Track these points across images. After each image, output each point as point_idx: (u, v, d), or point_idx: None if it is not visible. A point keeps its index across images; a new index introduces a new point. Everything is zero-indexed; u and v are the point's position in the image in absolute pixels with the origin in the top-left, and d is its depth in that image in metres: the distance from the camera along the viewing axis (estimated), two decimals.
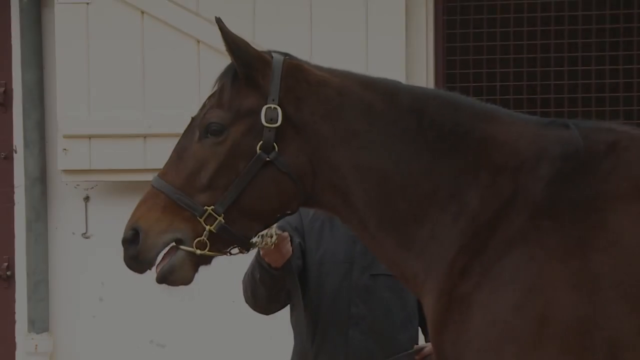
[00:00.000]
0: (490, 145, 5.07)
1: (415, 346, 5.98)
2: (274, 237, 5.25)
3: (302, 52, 5.34)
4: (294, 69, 5.08)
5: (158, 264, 4.94)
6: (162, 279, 4.93)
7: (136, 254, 4.93)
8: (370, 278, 5.95)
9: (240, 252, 5.10)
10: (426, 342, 6.00)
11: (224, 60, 5.08)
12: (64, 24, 9.37)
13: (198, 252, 4.90)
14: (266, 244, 5.20)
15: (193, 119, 5.04)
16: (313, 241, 6.00)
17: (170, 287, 4.94)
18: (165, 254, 4.94)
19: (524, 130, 5.12)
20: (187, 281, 4.98)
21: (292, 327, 5.99)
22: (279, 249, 5.42)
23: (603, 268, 4.70)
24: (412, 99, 5.16)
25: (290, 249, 5.51)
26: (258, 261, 5.59)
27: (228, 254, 5.05)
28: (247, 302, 5.87)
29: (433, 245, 5.04)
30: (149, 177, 5.12)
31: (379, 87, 5.17)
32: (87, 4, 9.29)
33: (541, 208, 4.93)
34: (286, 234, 5.45)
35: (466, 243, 4.97)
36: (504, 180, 5.01)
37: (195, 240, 4.90)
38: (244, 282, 5.83)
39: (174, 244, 4.92)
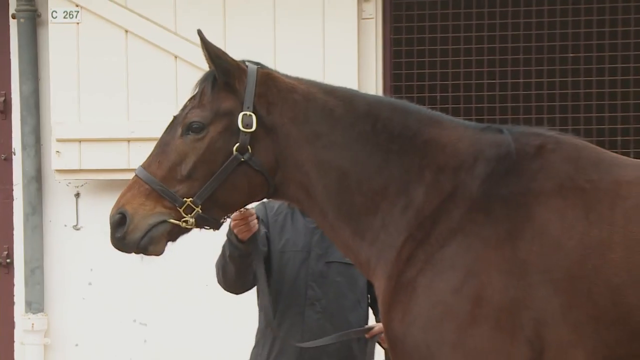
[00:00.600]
0: (434, 147, 5.09)
1: (366, 326, 5.90)
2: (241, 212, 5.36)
3: (267, 63, 5.32)
4: (266, 76, 5.12)
5: None
6: (142, 248, 4.95)
7: (123, 235, 4.93)
8: (325, 265, 5.94)
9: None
10: (376, 322, 5.93)
11: (199, 73, 5.15)
12: (57, 41, 9.31)
13: (183, 224, 4.97)
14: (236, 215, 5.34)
15: (175, 117, 5.09)
16: (276, 232, 5.98)
17: (145, 256, 5.01)
18: None
19: (463, 134, 5.14)
20: (160, 253, 5.00)
21: (258, 307, 5.90)
22: (246, 222, 5.45)
23: (530, 256, 4.72)
24: (367, 105, 5.18)
25: (256, 223, 5.52)
26: (228, 238, 5.58)
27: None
28: (219, 282, 5.87)
29: (383, 234, 5.06)
30: (131, 176, 5.09)
31: (339, 94, 5.19)
32: (78, 23, 9.25)
33: (477, 203, 4.94)
34: (252, 210, 5.50)
35: (412, 233, 4.98)
36: (445, 178, 5.03)
37: (183, 221, 4.98)
38: (216, 265, 5.84)
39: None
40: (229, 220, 5.34)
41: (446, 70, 9.31)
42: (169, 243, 5.03)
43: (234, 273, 5.73)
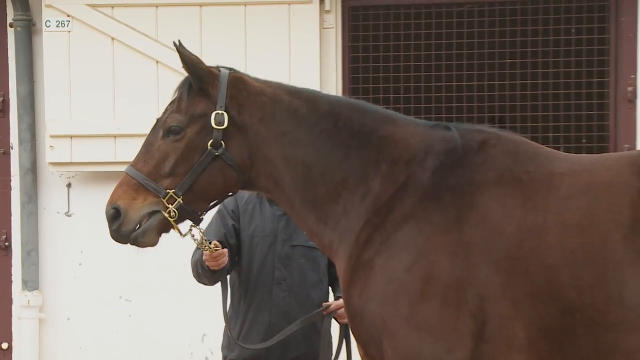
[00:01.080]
0: (389, 142, 5.10)
1: (325, 303, 5.90)
2: (213, 249, 5.38)
3: (238, 67, 5.34)
4: (237, 81, 5.12)
5: None
6: (134, 240, 4.96)
7: (119, 227, 4.96)
8: (290, 248, 5.98)
9: (191, 232, 5.17)
10: (335, 299, 5.95)
11: (179, 76, 5.16)
12: (50, 47, 9.26)
13: (169, 216, 4.97)
14: (208, 249, 5.33)
15: (158, 120, 5.10)
16: (246, 220, 6.00)
17: (138, 248, 5.01)
18: None
19: (414, 131, 5.15)
20: (153, 244, 5.04)
21: (231, 287, 5.92)
22: (216, 260, 5.53)
23: (474, 239, 4.75)
24: (329, 105, 5.20)
25: (225, 261, 5.58)
26: (200, 262, 5.65)
27: (181, 234, 5.11)
28: (194, 277, 5.91)
29: (344, 220, 5.07)
30: (118, 168, 5.23)
31: (303, 96, 5.21)
32: (69, 32, 9.21)
33: (427, 192, 4.95)
34: (225, 251, 5.54)
35: (370, 219, 4.99)
36: (399, 170, 5.04)
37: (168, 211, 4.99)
38: (191, 263, 5.87)
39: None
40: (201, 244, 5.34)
41: (398, 74, 9.32)
42: (162, 235, 5.07)
43: (207, 283, 5.86)
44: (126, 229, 4.96)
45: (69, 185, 9.47)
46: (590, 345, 4.60)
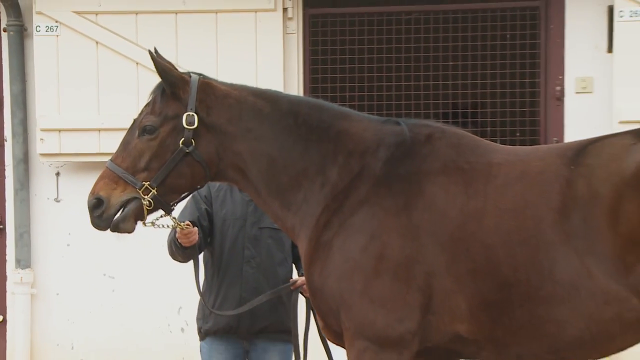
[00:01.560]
0: (345, 136, 5.11)
1: (291, 280, 5.89)
2: (184, 226, 5.46)
3: (210, 71, 5.36)
4: (206, 85, 5.13)
5: None
6: (114, 227, 5.01)
7: (100, 215, 4.99)
8: (258, 230, 5.96)
9: (163, 223, 5.25)
10: (299, 276, 5.94)
11: (157, 77, 5.11)
12: (40, 50, 9.20)
13: (146, 204, 5.02)
14: (180, 227, 5.41)
15: (134, 121, 5.12)
16: (218, 205, 5.99)
17: (118, 234, 5.07)
18: None
19: (368, 126, 5.16)
20: (130, 230, 5.08)
21: (205, 265, 5.98)
22: (187, 238, 5.54)
23: (422, 222, 4.76)
24: (289, 104, 5.20)
25: (196, 237, 5.59)
26: (174, 240, 5.65)
27: (155, 226, 5.21)
28: (169, 255, 5.87)
29: (305, 206, 5.08)
30: (102, 158, 5.28)
31: (266, 96, 5.21)
32: (57, 36, 9.16)
33: (380, 180, 4.96)
34: (195, 229, 5.58)
35: (328, 204, 5.00)
36: (354, 161, 5.05)
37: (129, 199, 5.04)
38: (167, 246, 5.85)
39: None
40: (175, 223, 5.40)
41: (353, 75, 9.32)
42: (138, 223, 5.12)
43: (180, 259, 5.83)
44: (107, 215, 5.00)
45: (57, 174, 9.41)
46: (525, 316, 4.62)
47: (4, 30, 9.36)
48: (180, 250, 5.68)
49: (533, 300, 4.59)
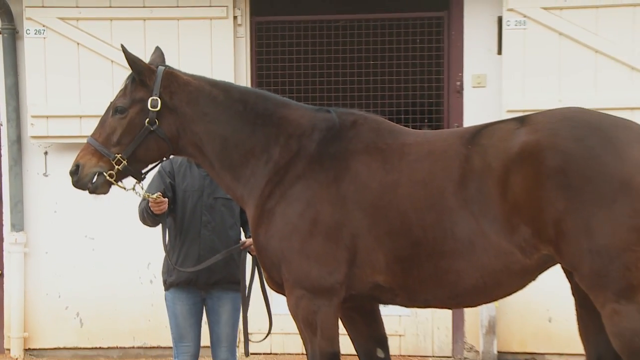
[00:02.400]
0: (285, 122, 5.08)
1: (240, 241, 5.86)
2: (155, 196, 5.45)
3: (173, 65, 5.29)
4: (170, 75, 5.08)
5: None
6: (91, 192, 5.01)
7: (78, 179, 4.99)
8: (213, 199, 5.90)
9: (134, 188, 5.19)
10: (246, 237, 5.92)
11: (128, 72, 5.09)
12: (30, 49, 9.03)
13: (112, 180, 5.01)
14: (153, 199, 5.42)
15: (110, 103, 5.07)
16: (180, 179, 5.92)
17: (97, 195, 5.06)
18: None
19: (304, 113, 5.14)
20: (105, 192, 5.06)
21: (169, 229, 5.88)
22: (158, 206, 5.50)
23: (348, 192, 4.75)
24: (240, 93, 5.16)
25: (166, 206, 5.54)
26: (146, 209, 5.59)
27: (125, 189, 5.15)
28: (140, 221, 5.79)
29: (252, 179, 5.04)
30: (83, 140, 5.25)
31: (221, 86, 5.17)
32: (44, 38, 9.00)
33: (314, 158, 4.94)
34: (165, 200, 5.53)
35: (271, 178, 4.98)
36: (293, 142, 5.02)
37: (109, 172, 4.98)
38: (138, 211, 5.77)
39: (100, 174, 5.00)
40: (147, 193, 5.41)
41: (292, 72, 9.31)
42: (112, 186, 5.07)
43: (150, 223, 5.75)
44: (82, 179, 4.98)
45: (45, 153, 9.25)
46: (431, 268, 4.65)
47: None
48: (151, 217, 5.62)
49: (437, 255, 4.62)
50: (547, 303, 8.46)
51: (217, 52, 8.84)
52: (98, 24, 8.97)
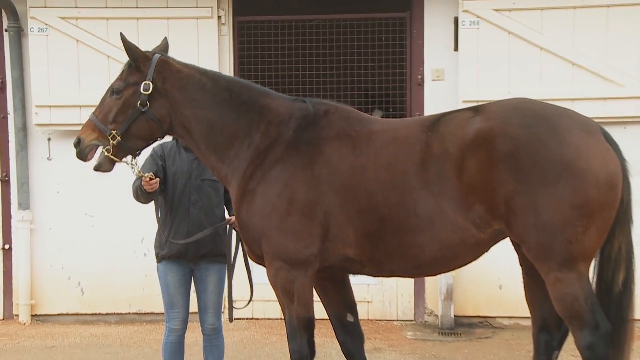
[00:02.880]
0: (266, 110, 5.03)
1: (227, 218, 5.82)
2: (148, 176, 5.37)
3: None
4: (164, 62, 5.04)
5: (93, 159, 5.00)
6: (96, 169, 4.97)
7: (80, 151, 4.95)
8: (201, 181, 5.81)
9: (130, 163, 5.12)
10: (229, 215, 5.88)
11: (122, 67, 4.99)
12: (34, 45, 8.93)
13: (109, 154, 4.94)
14: (146, 178, 5.35)
15: (110, 86, 5.03)
16: (170, 162, 5.83)
17: (101, 173, 5.03)
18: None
19: (283, 103, 5.09)
20: (110, 170, 5.01)
21: (160, 207, 5.80)
22: (151, 186, 5.41)
23: (322, 175, 4.72)
24: (226, 83, 5.11)
25: (157, 186, 5.45)
26: (140, 187, 5.52)
27: (127, 164, 5.11)
28: (134, 198, 5.72)
29: (236, 161, 4.99)
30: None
31: (209, 75, 5.11)
32: (47, 35, 8.90)
33: (291, 144, 4.90)
34: (157, 180, 5.44)
35: (253, 161, 4.93)
36: (273, 129, 4.97)
37: (106, 147, 4.92)
38: (132, 189, 5.69)
39: (98, 147, 4.96)
40: (141, 174, 5.35)
41: (270, 66, 9.27)
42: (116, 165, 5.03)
43: (143, 200, 5.66)
44: (82, 150, 4.94)
45: (49, 139, 9.14)
46: (395, 243, 4.64)
47: (6, 31, 9.08)
48: (144, 195, 5.54)
49: (402, 231, 4.61)
50: (498, 272, 8.50)
51: (203, 49, 8.76)
52: (96, 23, 8.86)
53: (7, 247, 9.28)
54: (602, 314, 4.41)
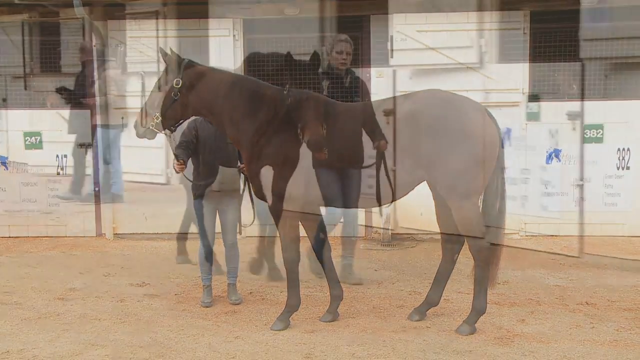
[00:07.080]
0: (266, 97, 4.89)
1: (239, 165, 5.62)
2: (179, 161, 5.14)
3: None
4: (191, 65, 4.83)
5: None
6: (141, 136, 4.86)
7: (136, 130, 4.83)
8: (222, 143, 5.53)
9: (169, 135, 4.98)
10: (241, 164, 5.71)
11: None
12: None
13: (154, 129, 4.85)
14: (176, 162, 5.10)
15: (156, 82, 4.88)
16: (201, 130, 5.52)
17: (147, 139, 4.86)
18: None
19: (276, 92, 4.93)
20: (152, 138, 4.93)
21: (195, 160, 5.60)
22: (180, 166, 5.18)
23: (304, 139, 4.69)
24: (238, 78, 4.95)
25: (184, 168, 5.20)
26: (173, 164, 5.32)
27: (163, 134, 4.96)
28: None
29: (248, 130, 4.79)
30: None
31: (225, 73, 4.97)
32: None
33: (283, 120, 4.76)
34: (183, 165, 5.18)
35: (257, 130, 4.77)
36: (271, 109, 4.81)
37: (151, 124, 4.81)
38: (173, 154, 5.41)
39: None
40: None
41: (267, 63, 9.03)
42: (158, 135, 4.95)
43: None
44: (138, 131, 4.86)
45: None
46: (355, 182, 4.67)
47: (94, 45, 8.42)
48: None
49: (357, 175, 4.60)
50: (419, 203, 8.51)
51: (223, 57, 8.51)
52: (152, 40, 8.52)
53: (96, 189, 9.03)
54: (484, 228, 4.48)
